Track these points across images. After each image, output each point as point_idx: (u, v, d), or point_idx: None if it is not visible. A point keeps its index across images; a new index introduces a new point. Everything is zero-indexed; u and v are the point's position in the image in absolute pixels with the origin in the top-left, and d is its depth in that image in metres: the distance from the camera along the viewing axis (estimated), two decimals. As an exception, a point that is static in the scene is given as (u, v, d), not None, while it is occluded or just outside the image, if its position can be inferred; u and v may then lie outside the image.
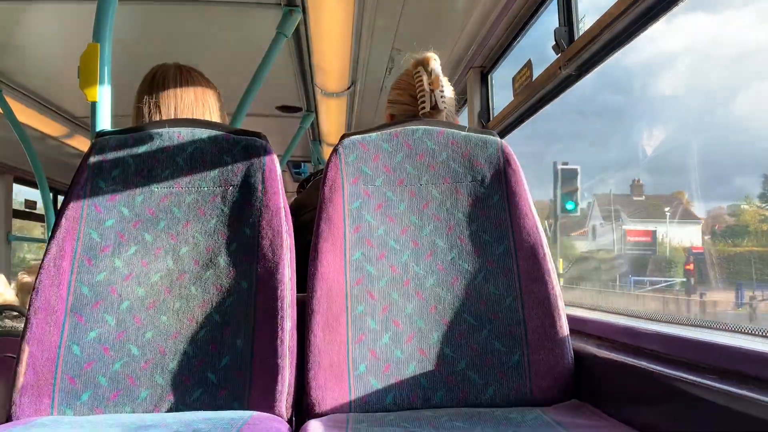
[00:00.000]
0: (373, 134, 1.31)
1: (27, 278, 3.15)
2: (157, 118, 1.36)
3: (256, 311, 1.15)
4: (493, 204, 1.27)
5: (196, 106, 1.41)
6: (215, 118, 1.45)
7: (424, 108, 1.44)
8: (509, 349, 1.18)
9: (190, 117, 1.39)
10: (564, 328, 1.18)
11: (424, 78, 1.45)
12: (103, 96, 1.47)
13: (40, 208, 5.04)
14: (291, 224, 1.23)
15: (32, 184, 4.88)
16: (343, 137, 1.31)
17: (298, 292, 1.21)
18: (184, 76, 1.42)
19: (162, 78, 1.40)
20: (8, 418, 1.08)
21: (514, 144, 1.63)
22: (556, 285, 1.21)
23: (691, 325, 1.17)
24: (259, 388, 1.11)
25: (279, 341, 1.12)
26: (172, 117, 1.37)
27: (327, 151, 4.67)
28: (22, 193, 5.02)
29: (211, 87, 1.47)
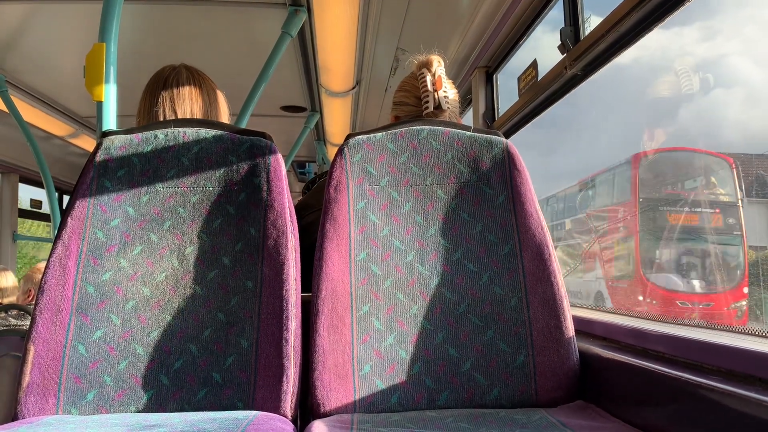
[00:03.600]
0: (378, 134, 1.31)
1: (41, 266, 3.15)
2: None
3: (261, 311, 1.15)
4: (498, 204, 1.26)
5: (211, 109, 1.41)
6: (225, 119, 1.46)
7: (427, 108, 1.44)
8: (514, 350, 1.17)
9: (205, 119, 1.39)
10: (569, 329, 1.18)
11: (428, 79, 1.45)
12: (108, 95, 1.47)
13: (45, 208, 5.06)
14: (296, 224, 1.23)
15: (38, 183, 4.90)
16: (348, 137, 1.31)
17: (302, 293, 1.21)
18: (196, 78, 1.42)
19: (175, 81, 1.40)
20: (14, 417, 1.08)
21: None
22: (562, 286, 1.20)
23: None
24: (264, 388, 1.11)
25: (284, 341, 1.12)
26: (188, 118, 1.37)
27: (332, 151, 4.67)
28: (27, 193, 5.04)
29: (218, 89, 1.48)
